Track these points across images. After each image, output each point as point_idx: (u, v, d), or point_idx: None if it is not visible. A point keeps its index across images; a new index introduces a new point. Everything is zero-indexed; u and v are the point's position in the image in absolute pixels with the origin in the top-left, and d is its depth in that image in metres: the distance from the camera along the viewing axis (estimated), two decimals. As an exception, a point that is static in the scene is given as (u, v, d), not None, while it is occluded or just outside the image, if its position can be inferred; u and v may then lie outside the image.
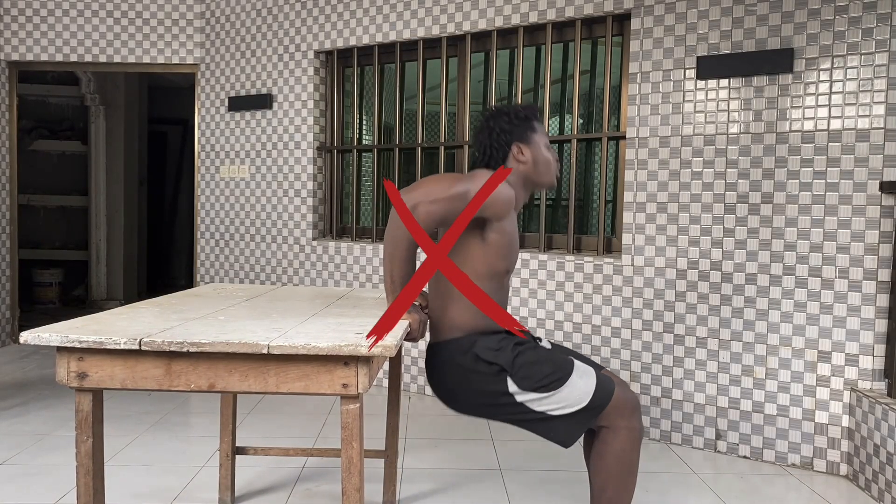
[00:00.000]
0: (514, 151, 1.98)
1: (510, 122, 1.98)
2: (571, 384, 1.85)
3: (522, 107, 2.02)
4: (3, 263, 4.80)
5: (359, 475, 1.48)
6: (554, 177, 2.03)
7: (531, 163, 1.98)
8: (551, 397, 1.84)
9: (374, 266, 4.03)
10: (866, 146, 2.73)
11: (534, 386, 1.84)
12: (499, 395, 1.87)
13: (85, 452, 1.52)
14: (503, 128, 1.97)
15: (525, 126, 1.99)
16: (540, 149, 1.99)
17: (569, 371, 1.87)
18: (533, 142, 1.98)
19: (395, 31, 3.95)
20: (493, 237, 1.88)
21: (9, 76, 4.82)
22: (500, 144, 1.98)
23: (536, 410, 1.86)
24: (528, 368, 1.85)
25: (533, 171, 1.99)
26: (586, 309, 3.37)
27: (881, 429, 2.55)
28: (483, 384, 1.88)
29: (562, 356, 1.93)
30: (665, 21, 3.14)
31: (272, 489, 2.59)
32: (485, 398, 1.89)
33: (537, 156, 1.98)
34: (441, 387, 1.98)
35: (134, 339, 1.43)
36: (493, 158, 1.99)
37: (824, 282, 2.83)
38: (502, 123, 1.98)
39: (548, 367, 1.86)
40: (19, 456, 2.82)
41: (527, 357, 1.88)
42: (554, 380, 1.84)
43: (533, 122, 2.00)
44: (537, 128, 2.01)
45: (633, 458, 1.90)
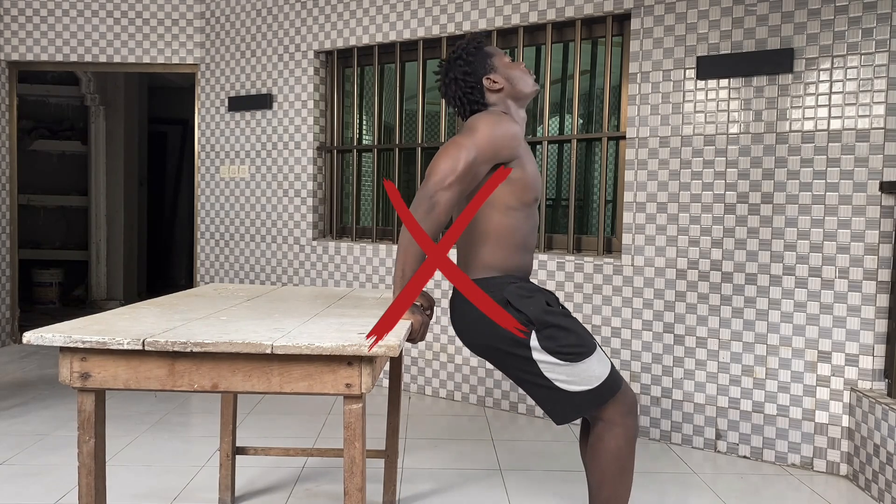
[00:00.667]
0: (486, 85, 1.98)
1: (466, 62, 1.99)
2: (589, 363, 1.83)
3: (468, 41, 2.02)
4: (3, 263, 4.80)
5: (361, 475, 1.49)
6: (533, 82, 2.03)
7: (507, 83, 1.99)
8: (566, 368, 1.82)
9: (374, 266, 4.03)
10: (866, 146, 2.74)
11: (554, 349, 1.82)
12: (516, 344, 1.84)
13: (87, 452, 1.52)
14: (465, 71, 1.98)
15: (481, 56, 1.99)
16: (506, 69, 2.00)
17: (592, 349, 1.86)
18: (496, 66, 1.99)
19: (395, 31, 3.95)
20: (516, 174, 1.88)
21: (9, 76, 4.81)
22: (470, 88, 1.98)
23: (546, 375, 1.84)
24: (555, 331, 1.83)
25: (512, 89, 1.99)
26: (586, 309, 3.38)
27: (881, 429, 2.55)
28: (504, 329, 1.85)
29: (588, 335, 1.92)
30: (665, 21, 3.14)
31: (272, 489, 2.59)
32: (500, 341, 1.86)
33: (508, 75, 1.99)
34: (460, 319, 1.96)
35: (137, 339, 1.44)
36: (472, 102, 2.00)
37: (824, 282, 2.83)
38: (460, 68, 1.99)
39: (574, 338, 1.85)
40: (19, 456, 2.82)
41: (557, 319, 1.86)
42: (576, 352, 1.83)
43: (484, 48, 2.01)
44: (492, 52, 2.02)
45: (628, 457, 1.91)
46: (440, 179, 1.76)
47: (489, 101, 2.00)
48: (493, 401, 3.67)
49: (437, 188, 1.76)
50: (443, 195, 1.76)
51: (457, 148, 1.81)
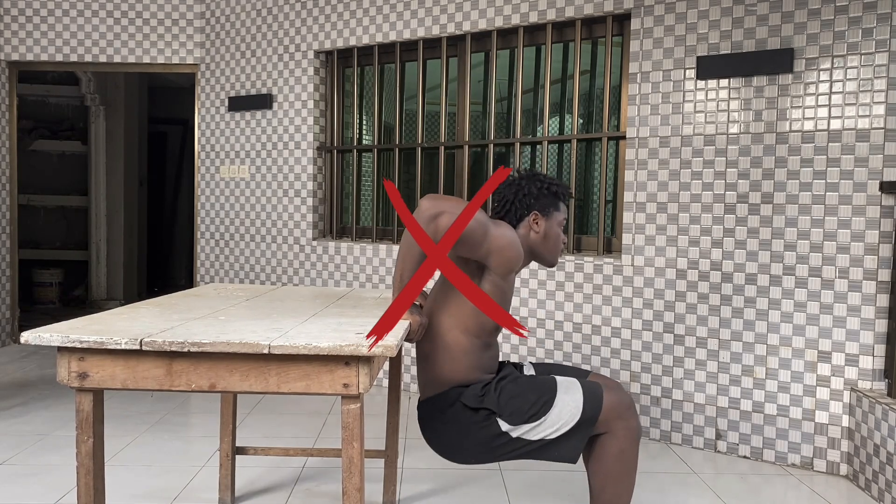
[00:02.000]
0: (530, 218, 1.99)
1: (539, 190, 2.00)
2: (560, 403, 1.86)
3: (557, 182, 2.04)
4: (3, 263, 4.80)
5: (359, 475, 1.48)
6: (557, 257, 2.05)
7: (542, 235, 2.00)
8: (544, 423, 1.85)
9: (374, 266, 4.03)
10: (866, 146, 2.73)
11: (524, 419, 1.85)
12: (494, 437, 1.87)
13: (85, 452, 1.52)
14: (531, 191, 1.99)
15: (551, 200, 2.01)
16: (554, 226, 2.01)
17: (553, 391, 1.88)
18: (552, 217, 2.00)
19: (395, 31, 3.95)
20: (489, 289, 1.88)
21: (9, 76, 4.82)
22: (521, 205, 1.99)
23: (534, 440, 1.86)
24: (514, 403, 1.86)
25: (541, 244, 2.00)
26: (586, 309, 3.38)
27: (881, 429, 2.55)
28: (476, 432, 1.88)
29: (542, 378, 1.94)
30: (665, 21, 3.14)
31: (272, 489, 2.59)
32: (482, 445, 1.90)
33: (549, 232, 2.00)
34: (437, 442, 1.99)
35: (135, 339, 1.43)
36: (509, 214, 2.01)
37: (824, 282, 2.83)
38: (532, 187, 2.00)
39: (532, 395, 1.87)
40: (19, 456, 2.82)
41: (509, 391, 1.89)
42: (541, 405, 1.85)
43: (560, 201, 2.03)
44: (561, 207, 2.03)
45: (632, 458, 1.90)
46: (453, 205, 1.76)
47: (518, 230, 2.00)
48: (493, 401, 3.66)
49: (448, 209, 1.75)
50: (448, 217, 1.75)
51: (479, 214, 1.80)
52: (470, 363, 1.92)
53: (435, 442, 2.00)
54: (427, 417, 1.98)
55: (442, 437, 1.96)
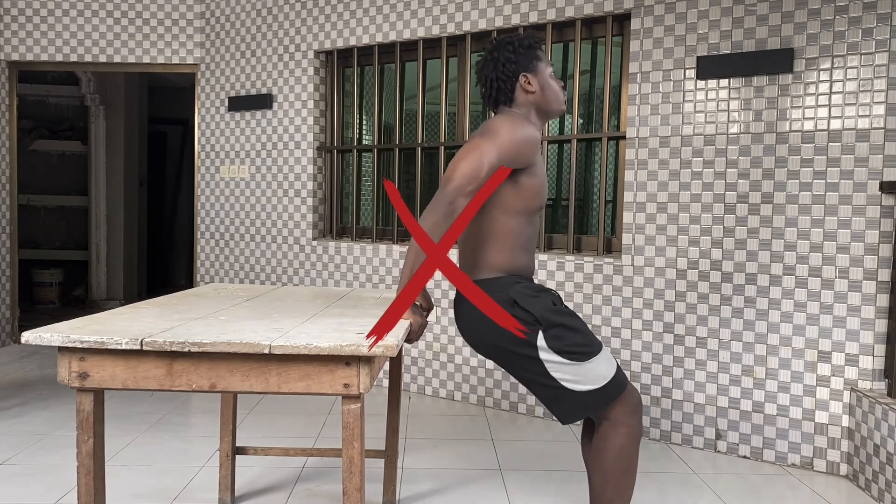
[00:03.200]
0: (521, 82, 1.93)
1: (515, 52, 1.93)
2: (596, 362, 1.83)
3: (525, 35, 1.97)
4: (3, 263, 4.80)
5: (360, 475, 1.48)
6: (563, 103, 1.99)
7: (539, 91, 1.94)
8: (572, 367, 1.81)
9: (374, 266, 4.03)
10: (866, 146, 2.73)
11: (561, 348, 1.80)
12: (523, 344, 1.82)
13: (86, 452, 1.52)
14: (508, 58, 1.93)
15: (530, 54, 1.94)
16: (546, 78, 1.96)
17: (598, 349, 1.85)
18: (539, 70, 1.95)
19: (395, 31, 3.95)
20: (525, 180, 1.86)
21: (9, 76, 4.81)
22: (506, 76, 1.93)
23: (552, 375, 1.82)
24: (562, 330, 1.82)
25: (542, 99, 1.95)
26: (586, 309, 3.38)
27: (881, 429, 2.55)
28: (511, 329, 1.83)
29: (593, 335, 1.91)
30: (665, 21, 3.14)
31: (272, 489, 2.59)
32: (506, 341, 1.84)
33: (545, 84, 1.95)
34: (465, 319, 1.94)
35: (135, 339, 1.43)
36: (500, 91, 1.95)
37: (824, 282, 2.83)
38: (507, 53, 1.93)
39: (580, 337, 1.83)
40: (19, 456, 2.82)
41: (563, 318, 1.84)
42: (582, 351, 1.81)
43: (537, 50, 1.96)
44: (542, 56, 1.97)
45: (632, 457, 1.90)
46: (461, 185, 1.73)
47: (517, 100, 1.95)
48: (493, 401, 3.67)
49: (457, 194, 1.72)
50: (463, 201, 1.73)
51: (479, 151, 1.77)
52: (517, 243, 1.89)
53: (463, 317, 1.94)
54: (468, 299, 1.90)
55: (474, 315, 1.88)
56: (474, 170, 1.75)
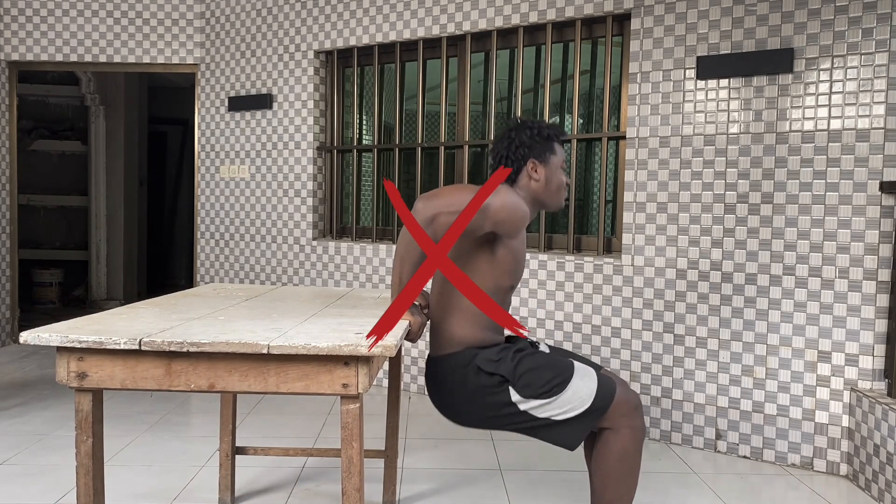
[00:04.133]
0: (528, 167, 1.96)
1: (531, 138, 1.96)
2: (573, 387, 1.85)
3: (547, 125, 2.00)
4: (3, 263, 4.80)
5: (359, 475, 1.48)
6: (563, 200, 2.02)
7: (543, 182, 1.97)
8: (554, 402, 1.84)
9: (374, 266, 4.03)
10: (866, 146, 2.73)
11: (536, 393, 1.84)
12: (502, 405, 1.86)
13: (85, 452, 1.52)
14: (523, 141, 1.96)
15: (546, 145, 1.97)
16: (554, 171, 1.98)
17: (570, 374, 1.87)
18: (550, 162, 1.97)
19: (395, 31, 3.95)
20: (503, 253, 1.88)
21: (9, 76, 4.82)
22: (516, 157, 1.96)
23: (540, 417, 1.86)
24: (529, 375, 1.85)
25: (543, 191, 1.98)
26: (586, 309, 3.37)
27: (881, 429, 2.55)
28: (486, 397, 1.87)
29: (561, 359, 1.93)
30: (665, 21, 3.14)
31: (272, 489, 2.59)
32: (488, 410, 1.89)
33: (551, 177, 1.97)
34: (443, 401, 1.98)
35: (134, 339, 1.43)
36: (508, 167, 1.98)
37: (824, 282, 2.83)
38: (523, 136, 1.97)
39: (548, 373, 1.86)
40: (19, 456, 2.82)
41: (526, 364, 1.87)
42: (555, 384, 1.84)
43: (554, 143, 1.99)
44: (557, 150, 2.00)
45: (634, 458, 1.90)
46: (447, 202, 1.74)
47: (519, 182, 1.98)
48: (493, 401, 3.66)
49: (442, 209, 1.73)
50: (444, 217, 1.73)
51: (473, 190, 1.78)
52: (486, 322, 1.90)
53: (440, 400, 1.97)
54: (436, 375, 1.95)
55: (449, 396, 1.93)
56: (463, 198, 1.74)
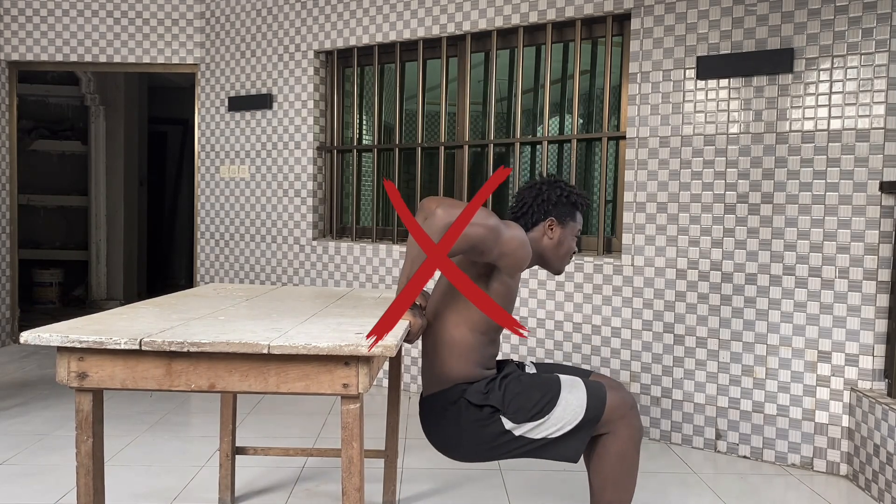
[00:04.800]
0: (546, 223, 1.99)
1: (559, 197, 1.99)
2: (563, 402, 1.86)
3: (578, 192, 2.03)
4: (3, 263, 4.80)
5: (359, 475, 1.48)
6: (563, 267, 2.05)
7: (556, 243, 1.99)
8: (547, 421, 1.85)
9: (374, 266, 4.03)
10: (866, 146, 2.73)
11: (527, 416, 1.85)
12: (497, 436, 1.87)
13: (85, 452, 1.52)
14: (550, 198, 1.99)
15: (569, 209, 2.01)
16: (569, 236, 2.01)
17: (557, 390, 1.88)
18: (567, 226, 2.01)
19: (395, 31, 3.95)
20: (497, 287, 1.88)
21: (9, 76, 4.81)
22: (539, 210, 1.99)
23: (537, 439, 1.86)
24: (518, 400, 1.86)
25: (552, 251, 2.00)
26: (586, 309, 3.37)
27: (881, 429, 2.55)
28: (480, 430, 1.88)
29: (546, 377, 1.94)
30: (665, 21, 3.14)
31: (272, 489, 2.59)
32: (485, 443, 1.90)
33: (564, 240, 2.00)
34: (438, 439, 1.99)
35: (134, 339, 1.43)
36: (525, 217, 2.01)
37: (824, 282, 2.83)
38: (552, 194, 1.99)
39: (536, 393, 1.87)
40: (19, 456, 2.82)
41: (513, 388, 1.88)
42: (545, 403, 1.85)
43: (577, 211, 2.03)
44: (578, 218, 2.03)
45: (633, 459, 1.90)
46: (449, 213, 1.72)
47: (532, 233, 1.99)
48: (493, 401, 3.66)
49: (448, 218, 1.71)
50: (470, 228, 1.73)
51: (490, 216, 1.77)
52: (474, 359, 1.92)
53: (436, 439, 1.99)
54: (429, 414, 1.97)
55: (444, 433, 1.95)
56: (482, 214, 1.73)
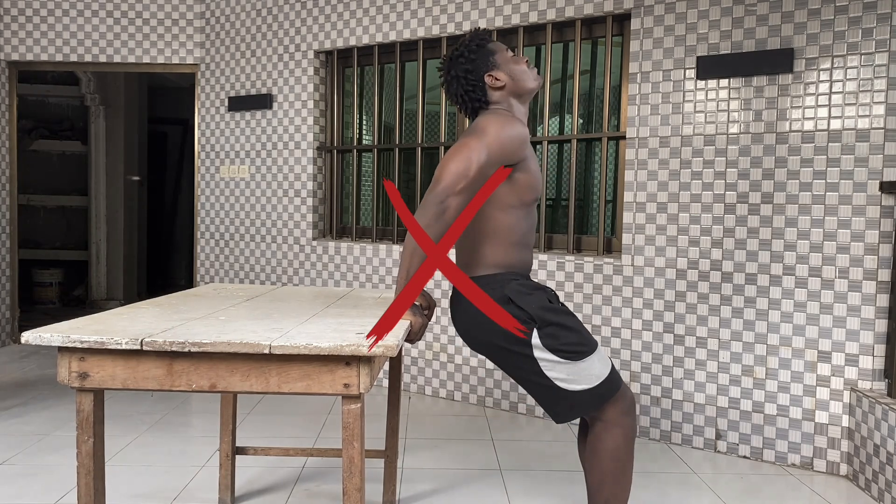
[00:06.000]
0: (488, 82, 1.94)
1: (468, 59, 1.95)
2: (590, 361, 1.83)
3: (471, 38, 1.98)
4: (3, 263, 4.80)
5: (359, 475, 1.48)
6: (536, 78, 1.99)
7: (509, 80, 1.95)
8: (566, 366, 1.82)
9: (374, 266, 4.03)
10: (866, 146, 2.73)
11: (556, 347, 1.81)
12: (517, 341, 1.83)
13: (86, 452, 1.52)
14: (466, 68, 1.94)
15: (483, 53, 1.95)
16: (508, 65, 1.96)
17: (593, 348, 1.85)
18: (498, 63, 1.96)
19: (395, 31, 3.95)
20: (518, 176, 1.86)
21: (9, 76, 4.81)
22: (472, 86, 1.95)
23: (547, 374, 1.83)
24: (556, 329, 1.82)
25: (514, 86, 1.95)
26: (586, 309, 3.37)
27: (881, 429, 2.55)
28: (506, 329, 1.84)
29: (590, 334, 1.91)
30: (665, 21, 3.14)
31: (272, 489, 2.59)
32: (501, 338, 1.85)
33: (510, 71, 1.95)
34: (461, 317, 1.95)
35: (135, 339, 1.43)
36: (475, 100, 1.96)
37: (824, 282, 2.83)
38: (462, 65, 1.95)
39: (575, 336, 1.84)
40: (19, 456, 2.82)
41: (558, 317, 1.85)
42: (577, 350, 1.82)
43: (487, 44, 1.97)
44: (495, 48, 1.98)
45: (627, 457, 1.91)
46: (451, 184, 1.73)
47: (492, 99, 1.96)
48: (493, 401, 3.67)
49: (447, 193, 1.72)
50: (454, 200, 1.72)
51: (468, 150, 1.77)
52: (515, 239, 1.90)
53: (460, 317, 1.95)
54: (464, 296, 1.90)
55: (471, 314, 1.89)
56: (464, 168, 1.74)
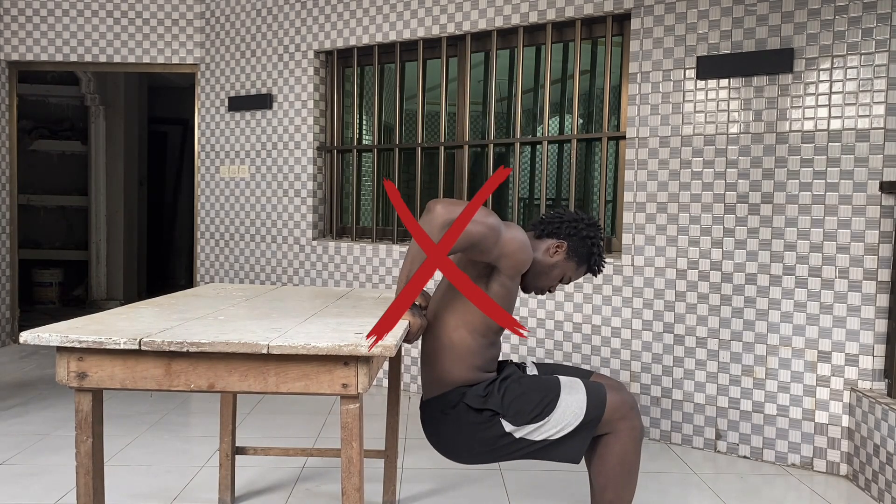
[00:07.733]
0: (557, 243, 1.97)
1: (586, 238, 1.97)
2: (563, 403, 1.86)
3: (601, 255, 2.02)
4: (3, 263, 4.80)
5: (359, 475, 1.48)
6: (545, 291, 2.02)
7: (550, 264, 1.97)
8: (547, 423, 1.85)
9: (374, 266, 4.03)
10: (866, 146, 2.73)
11: (527, 419, 1.85)
12: (497, 438, 1.87)
13: (85, 452, 1.52)
14: (580, 231, 1.97)
15: (585, 254, 1.98)
16: (566, 269, 1.99)
17: (556, 392, 1.88)
18: (571, 262, 1.98)
19: (395, 31, 3.95)
20: (497, 289, 1.87)
21: (9, 76, 4.81)
22: (563, 229, 1.97)
23: (538, 440, 1.87)
24: (518, 402, 1.86)
25: (544, 269, 1.97)
26: (586, 309, 3.37)
27: (881, 429, 2.55)
28: (479, 432, 1.88)
29: (546, 378, 1.94)
30: (665, 21, 3.14)
31: (272, 489, 2.59)
32: (485, 445, 1.90)
33: (557, 266, 1.97)
34: (440, 442, 1.99)
35: (134, 339, 1.43)
36: (549, 225, 1.99)
37: (824, 282, 2.83)
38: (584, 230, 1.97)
39: (536, 395, 1.87)
40: (19, 456, 2.82)
41: (513, 391, 1.88)
42: (545, 405, 1.85)
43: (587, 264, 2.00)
44: (582, 269, 2.01)
45: (634, 458, 1.91)
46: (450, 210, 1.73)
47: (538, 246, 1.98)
48: (493, 401, 3.66)
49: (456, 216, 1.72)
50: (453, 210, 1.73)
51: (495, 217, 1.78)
52: (474, 363, 1.91)
53: (437, 442, 1.99)
54: (430, 417, 1.97)
55: (445, 437, 1.95)
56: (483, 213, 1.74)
